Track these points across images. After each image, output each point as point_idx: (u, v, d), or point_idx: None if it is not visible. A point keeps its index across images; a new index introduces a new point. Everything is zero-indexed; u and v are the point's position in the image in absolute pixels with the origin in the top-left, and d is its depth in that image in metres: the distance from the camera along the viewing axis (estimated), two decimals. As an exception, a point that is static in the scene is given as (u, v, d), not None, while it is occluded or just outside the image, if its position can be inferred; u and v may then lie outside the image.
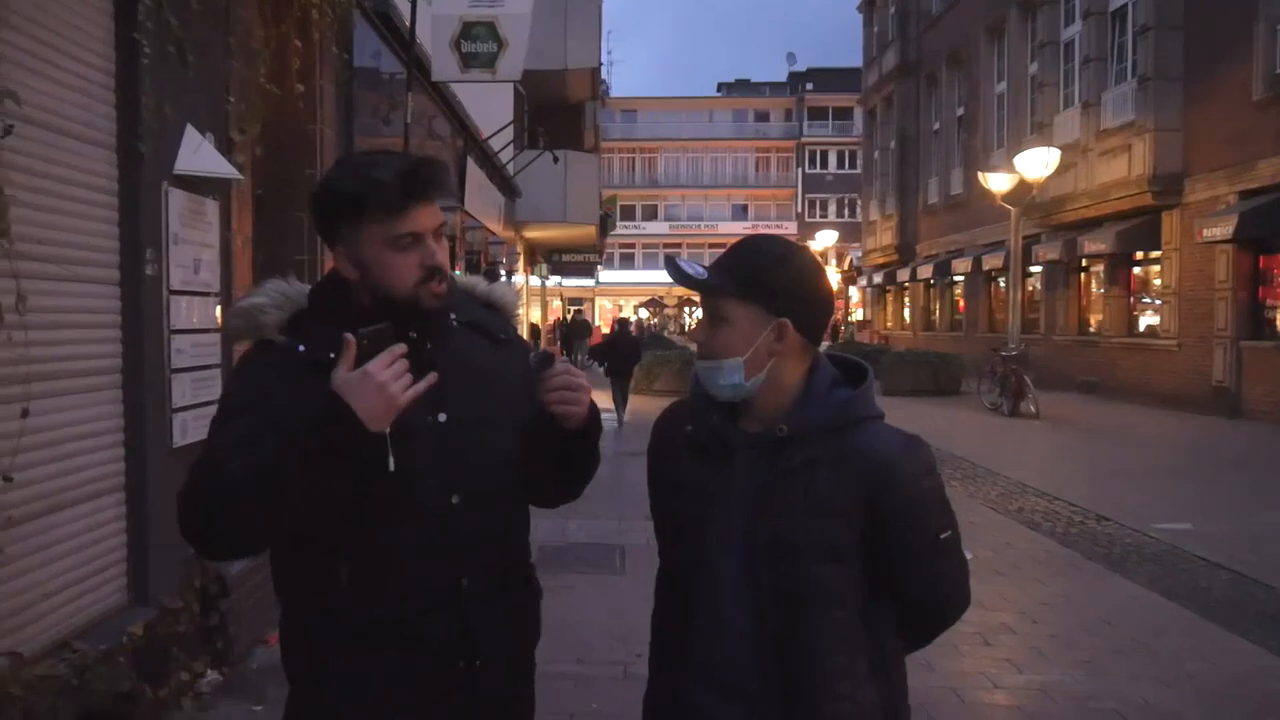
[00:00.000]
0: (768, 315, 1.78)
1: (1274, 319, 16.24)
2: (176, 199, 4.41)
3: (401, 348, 1.68)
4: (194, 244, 4.60)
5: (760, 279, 1.78)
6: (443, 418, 1.83)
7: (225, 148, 4.83)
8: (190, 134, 4.46)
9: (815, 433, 1.78)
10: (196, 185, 4.58)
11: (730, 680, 1.81)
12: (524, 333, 2.15)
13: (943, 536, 1.83)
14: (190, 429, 4.45)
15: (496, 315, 2.04)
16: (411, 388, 1.67)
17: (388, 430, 1.67)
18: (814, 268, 1.85)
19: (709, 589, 1.83)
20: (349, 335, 1.65)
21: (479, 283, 2.08)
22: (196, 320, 4.61)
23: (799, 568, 1.75)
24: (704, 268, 1.86)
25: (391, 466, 1.69)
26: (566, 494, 2.09)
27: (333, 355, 1.77)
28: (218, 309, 4.80)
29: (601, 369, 17.40)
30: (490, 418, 1.89)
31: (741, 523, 1.79)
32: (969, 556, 6.19)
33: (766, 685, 1.78)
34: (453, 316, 1.91)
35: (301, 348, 1.80)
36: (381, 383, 1.63)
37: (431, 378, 1.71)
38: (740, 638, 1.80)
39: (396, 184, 1.76)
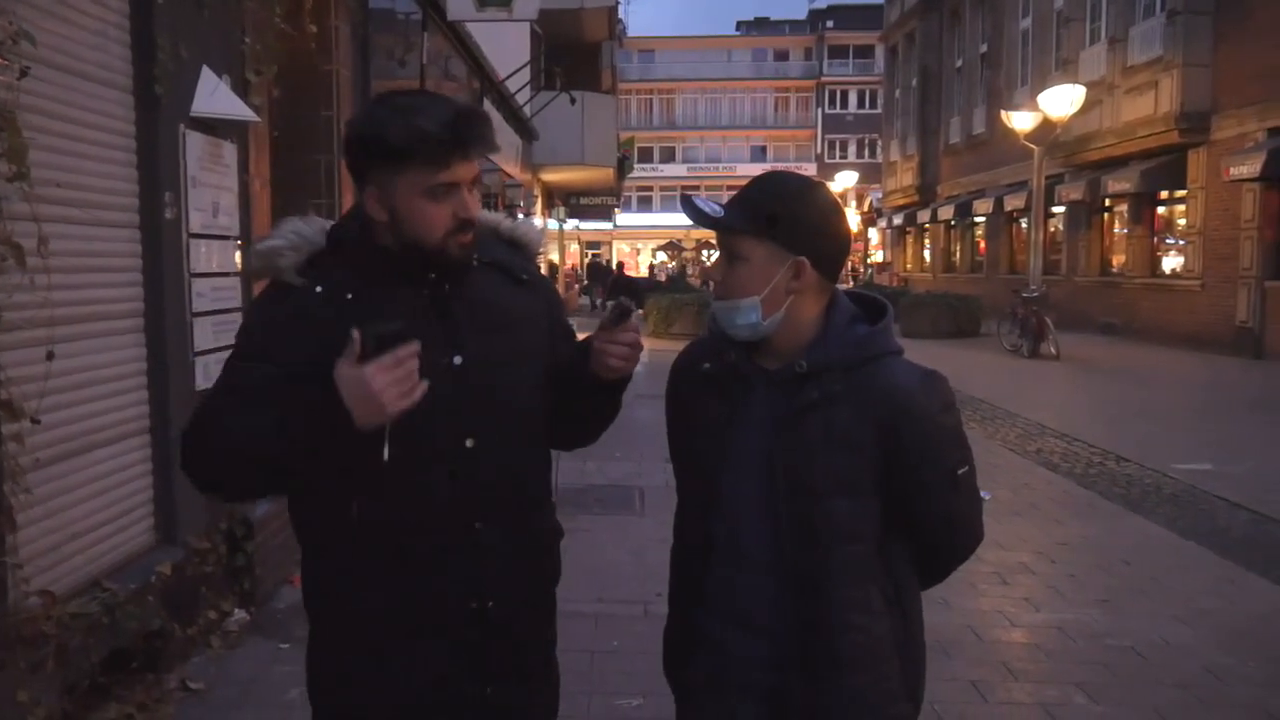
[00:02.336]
0: (785, 253, 1.76)
1: (1300, 259, 16.05)
2: (194, 141, 4.40)
3: (411, 350, 1.63)
4: (212, 187, 4.60)
5: (777, 216, 1.76)
6: (459, 360, 1.81)
7: (242, 90, 4.81)
8: (206, 76, 4.44)
9: (834, 368, 1.77)
10: (214, 128, 4.56)
11: (746, 613, 1.84)
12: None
13: (960, 472, 1.83)
14: (213, 372, 4.44)
15: (519, 254, 2.02)
16: (408, 397, 1.63)
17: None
18: (831, 205, 1.82)
19: (726, 524, 1.84)
20: (354, 331, 1.61)
21: (502, 220, 2.05)
22: (216, 264, 4.62)
23: (817, 502, 1.76)
24: (721, 206, 1.83)
25: (386, 456, 1.68)
26: (585, 439, 2.10)
27: (350, 296, 1.78)
28: (237, 253, 4.81)
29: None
30: (508, 360, 1.87)
31: (759, 458, 1.80)
32: (986, 496, 6.18)
33: (782, 618, 1.80)
34: (475, 257, 1.88)
35: (319, 289, 1.79)
36: (374, 391, 1.60)
37: (422, 386, 1.65)
38: (757, 571, 1.82)
39: (442, 134, 1.72)
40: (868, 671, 1.80)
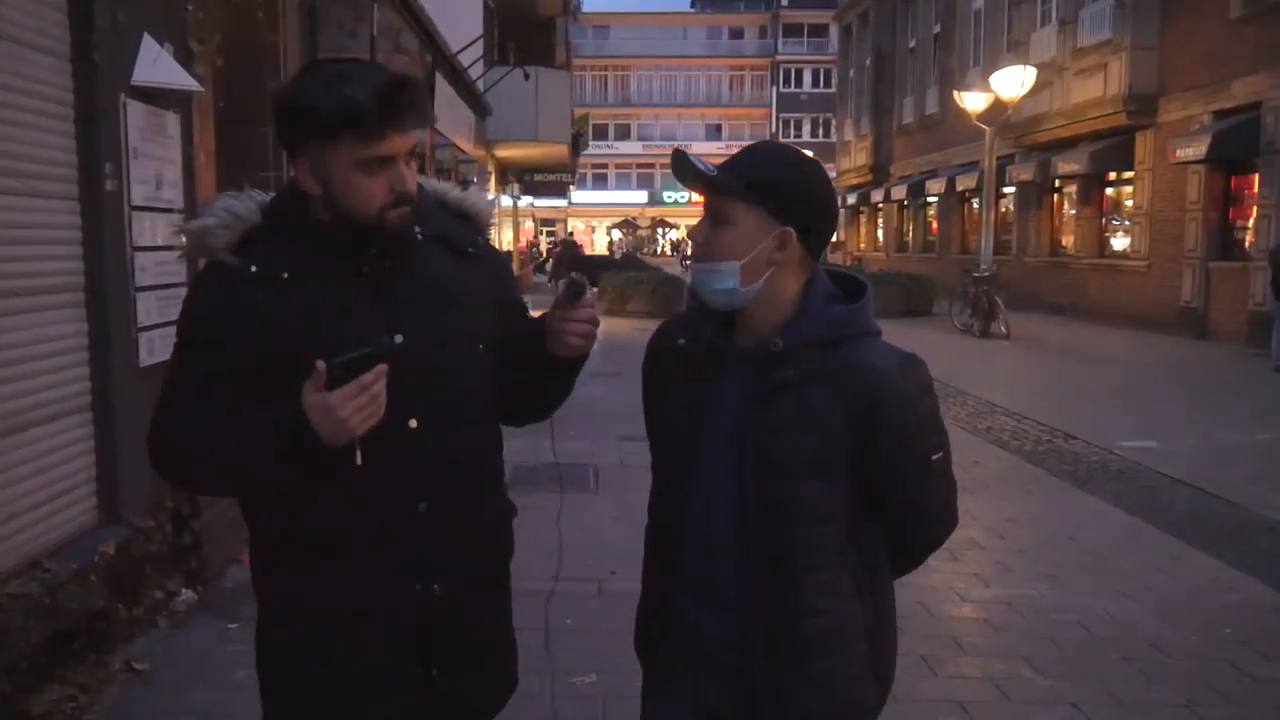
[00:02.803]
0: (773, 222, 1.73)
1: (1243, 240, 16.36)
2: (135, 112, 4.28)
3: (376, 374, 1.62)
4: (155, 159, 4.48)
5: (770, 183, 1.73)
6: (399, 339, 1.77)
7: (185, 59, 4.68)
8: (148, 44, 4.31)
9: (809, 347, 1.74)
10: (156, 97, 4.44)
11: (716, 592, 1.82)
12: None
13: (934, 458, 1.81)
14: (157, 348, 4.38)
15: (468, 226, 1.97)
16: (374, 416, 1.64)
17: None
18: (824, 180, 1.81)
19: (698, 502, 1.82)
20: (320, 363, 1.59)
21: (451, 190, 2.00)
22: (160, 238, 4.51)
23: (787, 483, 1.74)
24: (714, 166, 1.78)
25: (359, 461, 1.69)
26: (536, 415, 2.07)
27: (285, 275, 1.73)
28: (181, 226, 4.70)
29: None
30: (452, 337, 1.83)
31: (731, 437, 1.78)
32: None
33: (750, 598, 1.79)
34: (418, 230, 1.83)
35: (254, 268, 1.74)
36: (341, 418, 1.60)
37: (382, 402, 1.65)
38: (726, 550, 1.80)
39: (374, 105, 1.66)
40: (832, 655, 1.79)
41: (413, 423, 1.77)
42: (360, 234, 1.75)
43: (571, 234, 43.62)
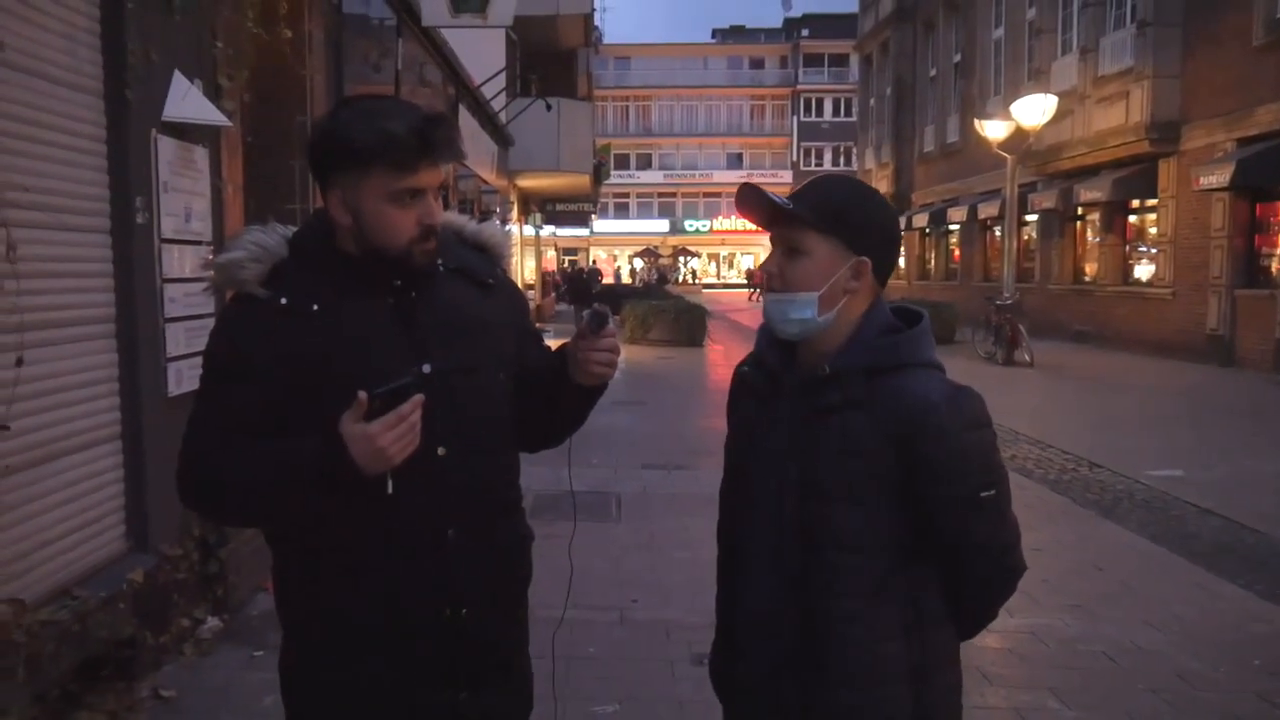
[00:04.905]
0: (847, 251, 1.77)
1: (1269, 267, 16.24)
2: (166, 146, 4.37)
3: (413, 404, 1.66)
4: (184, 192, 4.57)
5: (843, 214, 1.77)
6: (427, 369, 1.80)
7: (214, 94, 4.78)
8: (178, 80, 4.41)
9: (856, 373, 1.75)
10: (185, 132, 4.53)
11: (760, 616, 1.84)
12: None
13: (983, 495, 1.74)
14: (185, 378, 4.45)
15: (485, 258, 2.01)
16: (412, 445, 1.68)
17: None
18: (891, 210, 1.86)
19: (750, 525, 1.86)
20: (362, 394, 1.64)
21: (467, 223, 2.05)
22: (189, 269, 4.58)
23: (822, 507, 1.75)
24: (787, 199, 1.80)
25: (390, 489, 1.72)
26: (552, 441, 2.10)
27: (315, 307, 1.77)
28: (209, 258, 4.77)
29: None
30: (476, 366, 1.87)
31: (779, 462, 1.80)
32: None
33: (784, 623, 1.80)
34: (439, 263, 1.88)
35: (284, 300, 1.78)
36: (381, 447, 1.64)
37: (418, 432, 1.69)
38: (768, 573, 1.82)
39: (410, 140, 1.73)
40: (864, 692, 1.75)
41: (441, 450, 1.80)
42: (387, 266, 1.79)
43: (594, 263, 43.72)
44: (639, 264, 55.70)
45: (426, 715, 1.89)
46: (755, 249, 60.84)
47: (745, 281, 58.10)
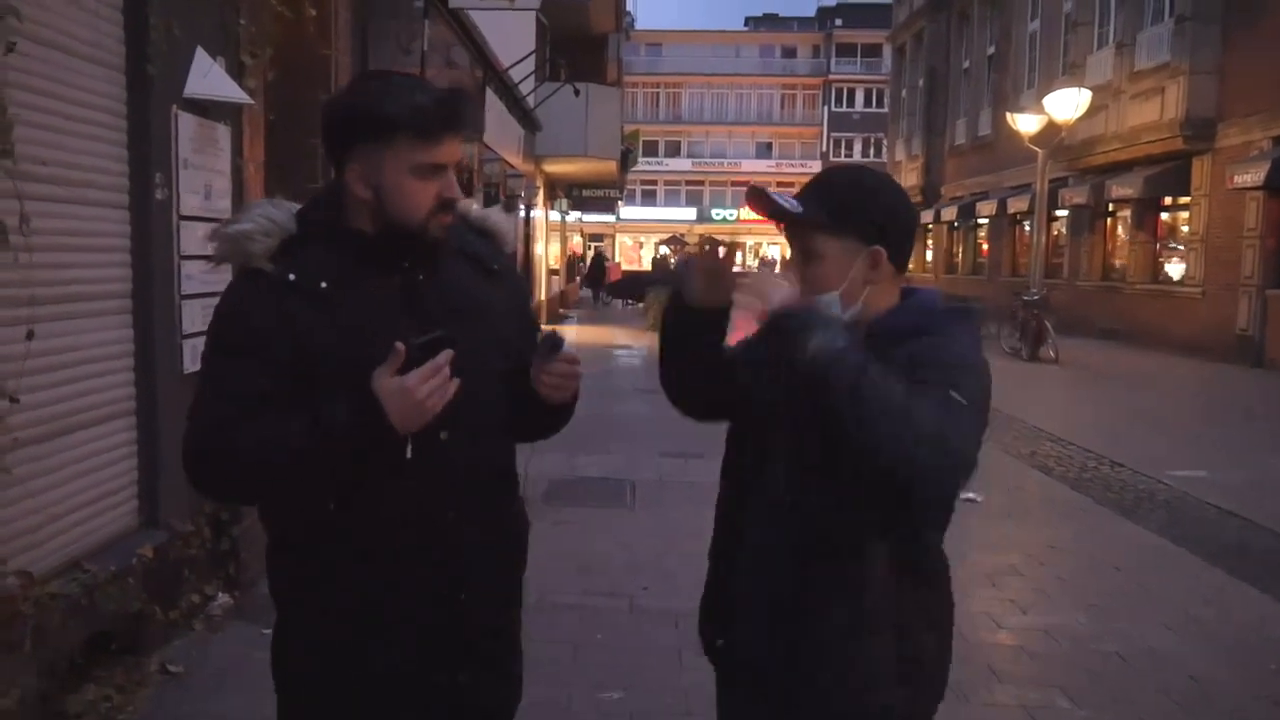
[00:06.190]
0: (861, 245, 1.75)
1: (1302, 268, 16.02)
2: (186, 123, 4.37)
3: (447, 357, 1.68)
4: (205, 170, 4.57)
5: (850, 208, 1.75)
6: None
7: (236, 72, 4.78)
8: (200, 57, 4.41)
9: (886, 334, 1.72)
10: (207, 109, 4.54)
11: (753, 576, 1.83)
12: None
13: (953, 394, 1.60)
14: (200, 355, 4.46)
15: (490, 243, 2.00)
16: (445, 397, 1.69)
17: None
18: (903, 195, 1.84)
19: (756, 483, 1.85)
20: (399, 344, 1.65)
21: (472, 207, 2.04)
22: (206, 247, 4.59)
23: (823, 458, 1.67)
24: (795, 200, 1.78)
25: (409, 454, 1.72)
26: (539, 435, 2.09)
27: (324, 285, 1.75)
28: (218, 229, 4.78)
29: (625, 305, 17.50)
30: (479, 351, 1.85)
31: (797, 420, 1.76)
32: (978, 499, 6.13)
33: (778, 579, 1.79)
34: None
35: (292, 276, 1.77)
36: (419, 400, 1.65)
37: (455, 383, 1.70)
38: (766, 533, 1.82)
39: (436, 110, 1.74)
40: (855, 641, 1.74)
41: (444, 434, 1.79)
42: (402, 241, 1.78)
43: (594, 250, 43.30)
44: (664, 250, 55.54)
45: (422, 696, 1.88)
46: (781, 240, 60.41)
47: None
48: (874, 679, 1.75)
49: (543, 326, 1.94)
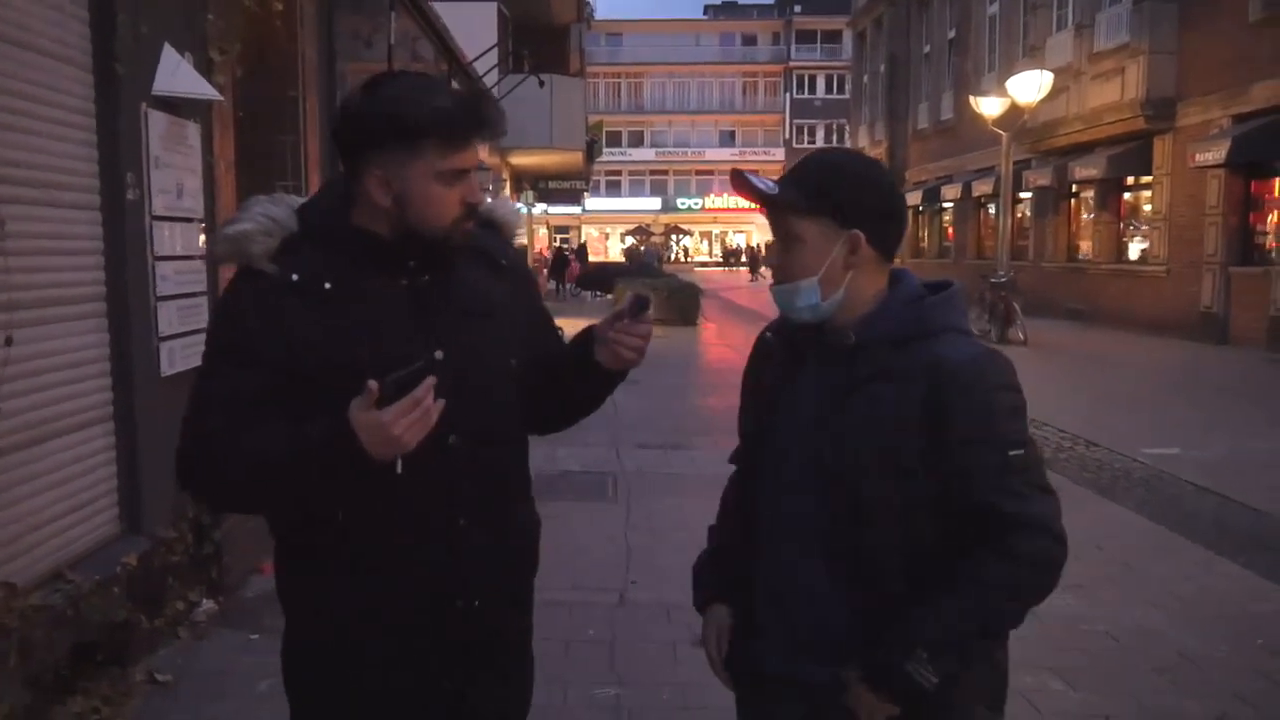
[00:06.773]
0: (839, 229, 1.73)
1: (1264, 244, 16.24)
2: (156, 121, 4.28)
3: (426, 388, 1.57)
4: (176, 168, 4.48)
5: (829, 192, 1.73)
6: (440, 355, 1.74)
7: (205, 68, 4.68)
8: (168, 54, 4.31)
9: (882, 343, 1.72)
10: (176, 107, 4.44)
11: (782, 589, 1.83)
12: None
13: (1012, 454, 1.67)
14: (178, 357, 4.38)
15: (495, 235, 1.95)
16: (425, 430, 1.60)
17: None
18: (885, 179, 1.81)
19: (771, 499, 1.83)
20: (372, 382, 1.55)
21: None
22: (180, 247, 4.50)
23: (854, 481, 1.70)
24: (774, 183, 1.78)
25: (399, 469, 1.65)
26: (563, 424, 2.06)
27: (327, 286, 1.70)
28: (201, 235, 4.70)
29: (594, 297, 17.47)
30: (488, 351, 1.82)
31: (803, 431, 1.77)
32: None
33: (810, 597, 1.78)
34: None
35: (295, 277, 1.71)
36: (395, 435, 1.56)
37: (438, 406, 1.61)
38: (792, 550, 1.80)
39: (462, 116, 1.69)
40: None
41: (452, 439, 1.74)
42: (416, 247, 1.73)
43: (567, 245, 43.33)
44: (630, 241, 55.38)
45: (433, 704, 1.85)
46: (748, 227, 60.71)
47: (722, 262, 58.11)
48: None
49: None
